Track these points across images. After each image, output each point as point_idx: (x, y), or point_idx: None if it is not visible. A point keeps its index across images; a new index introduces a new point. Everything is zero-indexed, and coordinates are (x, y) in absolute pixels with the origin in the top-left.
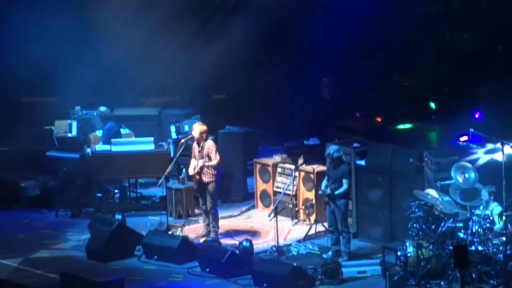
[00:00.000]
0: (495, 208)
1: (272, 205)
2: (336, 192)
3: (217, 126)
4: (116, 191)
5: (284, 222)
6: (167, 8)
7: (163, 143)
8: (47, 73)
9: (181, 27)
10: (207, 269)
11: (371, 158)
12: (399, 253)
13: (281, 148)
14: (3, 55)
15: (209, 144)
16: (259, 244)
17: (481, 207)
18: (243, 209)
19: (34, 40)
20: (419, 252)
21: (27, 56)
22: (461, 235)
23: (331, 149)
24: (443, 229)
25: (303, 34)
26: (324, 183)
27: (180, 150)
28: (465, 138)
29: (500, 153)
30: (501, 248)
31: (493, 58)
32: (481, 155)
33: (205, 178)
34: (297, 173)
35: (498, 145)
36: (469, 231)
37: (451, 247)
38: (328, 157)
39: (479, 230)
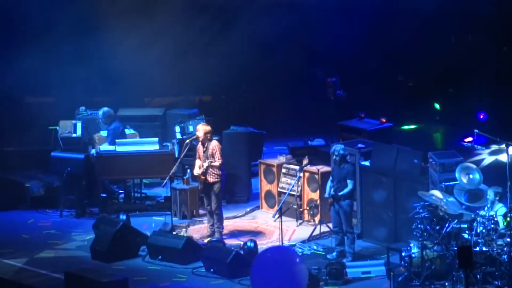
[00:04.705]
0: (500, 209)
1: (276, 206)
2: (340, 193)
3: (222, 126)
4: (120, 191)
5: (289, 222)
6: (172, 8)
7: (167, 144)
8: (51, 73)
9: (185, 28)
10: (212, 270)
11: (375, 159)
12: (403, 254)
13: (285, 149)
14: (8, 55)
15: (214, 144)
16: (263, 245)
17: (486, 208)
18: (248, 209)
19: (38, 39)
20: (424, 253)
21: (31, 56)
22: (466, 236)
23: (336, 146)
24: (448, 230)
25: (309, 35)
26: (329, 184)
27: (185, 150)
28: (469, 139)
29: (505, 154)
30: (505, 249)
31: (497, 59)
32: (486, 156)
33: (210, 179)
34: (301, 174)
35: (503, 146)
36: (473, 232)
37: (455, 248)
38: (332, 154)
39: (484, 231)
